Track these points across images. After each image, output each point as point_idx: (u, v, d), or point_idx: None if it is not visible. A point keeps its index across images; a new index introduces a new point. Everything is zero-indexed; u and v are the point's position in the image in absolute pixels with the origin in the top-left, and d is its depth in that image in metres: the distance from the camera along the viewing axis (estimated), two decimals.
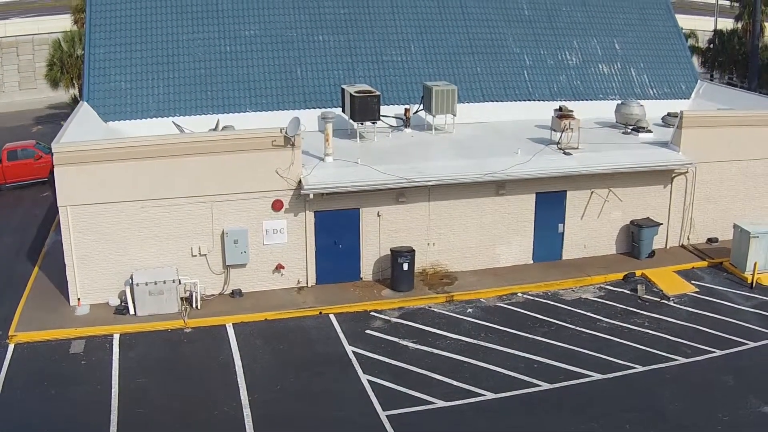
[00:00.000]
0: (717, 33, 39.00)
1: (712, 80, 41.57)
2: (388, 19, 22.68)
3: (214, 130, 19.26)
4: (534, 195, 18.27)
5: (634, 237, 19.18)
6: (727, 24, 40.63)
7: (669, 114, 22.00)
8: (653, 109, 22.77)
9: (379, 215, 17.43)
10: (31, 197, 24.73)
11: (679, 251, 19.87)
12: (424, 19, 22.89)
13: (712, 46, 38.78)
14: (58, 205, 16.30)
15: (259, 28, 21.87)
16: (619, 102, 21.49)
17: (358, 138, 19.47)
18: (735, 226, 18.96)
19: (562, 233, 18.82)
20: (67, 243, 16.25)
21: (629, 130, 20.85)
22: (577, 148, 18.95)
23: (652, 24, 24.92)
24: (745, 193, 20.26)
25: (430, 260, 18.04)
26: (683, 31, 42.14)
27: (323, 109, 20.91)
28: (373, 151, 18.68)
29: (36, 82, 38.68)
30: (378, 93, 19.25)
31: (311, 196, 16.62)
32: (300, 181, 16.70)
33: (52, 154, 15.91)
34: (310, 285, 17.48)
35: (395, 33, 22.49)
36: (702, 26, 44.56)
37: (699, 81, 24.52)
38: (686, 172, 19.33)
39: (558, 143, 19.03)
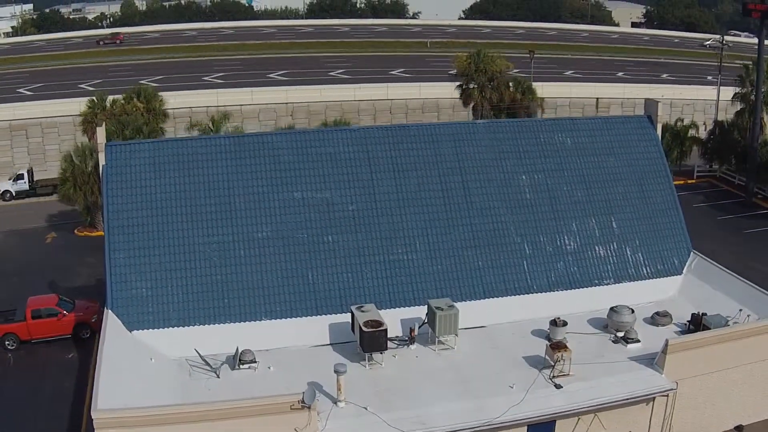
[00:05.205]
0: (717, 124, 39.27)
1: (711, 169, 42.30)
2: (395, 213, 23.53)
3: (234, 357, 20.77)
4: (526, 428, 20.05)
5: None
6: (730, 93, 40.70)
7: (657, 313, 23.33)
8: (645, 292, 24.19)
9: None
10: (56, 358, 26.06)
11: None
12: (430, 212, 23.74)
13: (712, 137, 39.18)
14: None
15: (271, 230, 22.80)
16: (611, 307, 22.73)
17: (367, 363, 20.98)
18: None
19: None
20: None
21: (619, 338, 22.34)
22: (569, 375, 20.56)
23: (650, 195, 25.71)
24: (723, 398, 21.96)
25: None
26: (684, 103, 42.24)
27: (333, 316, 22.32)
28: (380, 384, 20.22)
29: (46, 164, 39.31)
30: (385, 327, 20.51)
31: None
32: None
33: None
34: None
35: (401, 229, 23.42)
36: (705, 95, 44.54)
37: (692, 254, 25.58)
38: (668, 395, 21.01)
39: (551, 372, 20.61)
